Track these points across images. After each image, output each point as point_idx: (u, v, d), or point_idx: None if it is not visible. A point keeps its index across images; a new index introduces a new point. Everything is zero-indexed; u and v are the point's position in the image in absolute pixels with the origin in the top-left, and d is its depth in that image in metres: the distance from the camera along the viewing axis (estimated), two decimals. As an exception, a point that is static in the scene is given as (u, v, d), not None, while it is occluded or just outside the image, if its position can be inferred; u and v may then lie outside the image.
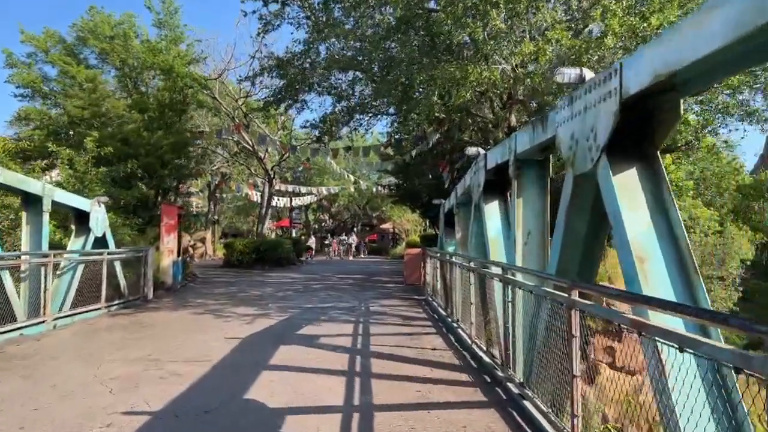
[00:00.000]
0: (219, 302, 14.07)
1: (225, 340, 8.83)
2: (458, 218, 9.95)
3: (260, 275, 23.26)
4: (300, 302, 14.06)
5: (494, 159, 7.20)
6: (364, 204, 56.37)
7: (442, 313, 11.39)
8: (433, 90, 11.84)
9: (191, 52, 22.82)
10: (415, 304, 13.96)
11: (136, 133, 19.06)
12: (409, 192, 27.64)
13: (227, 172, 36.97)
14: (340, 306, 13.40)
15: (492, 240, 7.43)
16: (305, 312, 12.30)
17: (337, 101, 17.73)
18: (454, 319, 9.84)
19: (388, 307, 13.30)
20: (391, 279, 21.89)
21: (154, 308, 12.94)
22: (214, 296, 15.41)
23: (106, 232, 12.67)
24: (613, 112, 3.65)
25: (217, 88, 26.38)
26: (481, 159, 7.76)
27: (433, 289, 13.69)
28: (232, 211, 57.73)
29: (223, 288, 17.78)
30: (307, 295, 15.86)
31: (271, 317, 11.48)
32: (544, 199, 6.13)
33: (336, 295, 15.73)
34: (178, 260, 17.98)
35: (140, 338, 9.12)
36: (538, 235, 6.11)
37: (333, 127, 19.76)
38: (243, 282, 19.87)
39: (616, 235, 3.74)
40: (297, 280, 20.74)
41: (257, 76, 19.39)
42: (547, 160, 6.11)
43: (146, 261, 14.33)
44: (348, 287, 18.30)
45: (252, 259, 27.01)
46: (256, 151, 28.36)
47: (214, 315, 11.82)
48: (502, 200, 7.73)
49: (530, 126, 5.64)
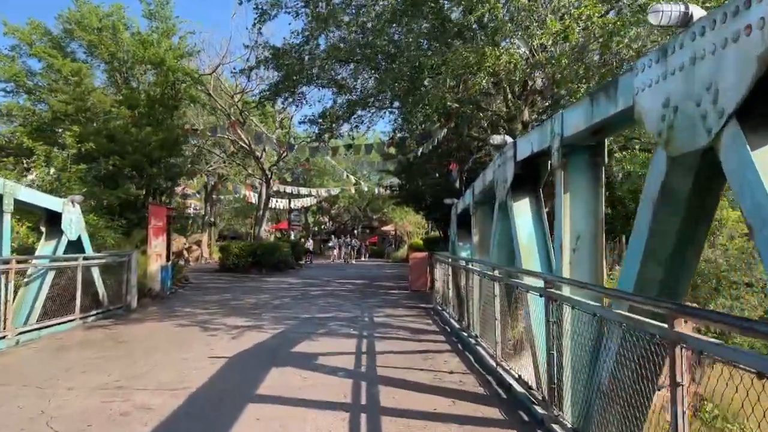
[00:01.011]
0: (209, 312, 12.86)
1: (209, 360, 7.62)
2: (475, 219, 8.77)
3: (256, 280, 22.04)
4: (297, 312, 12.85)
5: (527, 147, 6.01)
6: (364, 206, 55.14)
7: (455, 326, 10.18)
8: (444, 77, 10.64)
9: (184, 45, 21.65)
10: (422, 313, 12.75)
11: (123, 129, 17.86)
12: (412, 193, 26.43)
13: (224, 173, 35.76)
14: (340, 316, 12.19)
15: (523, 245, 6.24)
16: (302, 324, 11.09)
17: (337, 94, 16.55)
18: (472, 334, 8.63)
19: (393, 317, 12.09)
20: (395, 284, 20.67)
21: (137, 319, 11.73)
22: (204, 304, 14.19)
23: (82, 235, 11.46)
24: (754, 57, 2.46)
25: (212, 84, 25.20)
26: (508, 149, 6.57)
27: (443, 297, 12.48)
28: (231, 213, 56.54)
29: (215, 295, 16.56)
30: (304, 303, 14.64)
31: (264, 330, 10.26)
32: (598, 195, 4.94)
33: (336, 303, 14.51)
34: (167, 265, 16.78)
35: (112, 357, 7.90)
36: (591, 240, 4.91)
37: (333, 123, 18.59)
38: (237, 288, 18.66)
39: (760, 242, 2.54)
40: (295, 286, 19.53)
41: (253, 69, 18.19)
42: (601, 145, 4.92)
43: (129, 266, 13.12)
44: (349, 294, 17.08)
45: (248, 263, 25.81)
46: (252, 150, 27.16)
47: (201, 327, 10.61)
48: (533, 197, 6.54)
49: (587, 100, 4.45)
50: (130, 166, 16.89)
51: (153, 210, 16.46)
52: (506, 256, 7.50)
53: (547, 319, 4.88)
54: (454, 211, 10.96)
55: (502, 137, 6.78)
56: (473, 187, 8.77)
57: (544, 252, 6.26)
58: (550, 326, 4.84)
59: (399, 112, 17.88)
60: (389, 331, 10.26)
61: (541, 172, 6.53)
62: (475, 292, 8.71)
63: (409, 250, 38.72)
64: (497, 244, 7.46)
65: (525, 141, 6.11)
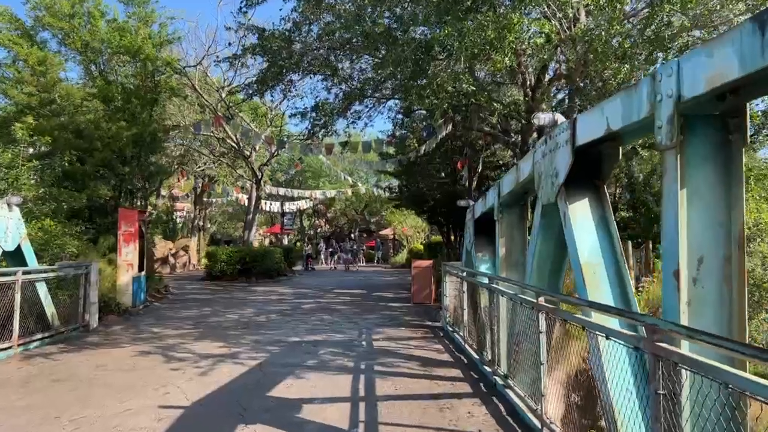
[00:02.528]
0: (180, 332, 11.01)
1: (157, 416, 5.77)
2: (501, 227, 6.95)
3: (244, 290, 20.18)
4: (284, 333, 10.99)
5: (597, 125, 4.16)
6: (362, 209, 53.27)
7: (472, 356, 8.35)
8: (458, 54, 8.82)
9: (164, 33, 19.77)
10: (429, 335, 10.91)
11: (94, 123, 15.99)
12: (413, 194, 24.55)
13: (213, 174, 33.86)
14: (334, 339, 10.34)
15: (586, 264, 4.41)
16: (288, 351, 9.23)
17: (331, 82, 14.74)
18: (498, 371, 6.81)
19: (396, 340, 10.24)
20: (396, 295, 18.81)
21: (91, 344, 9.86)
22: (177, 322, 12.34)
23: (23, 245, 9.59)
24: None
25: (197, 78, 23.33)
26: (561, 131, 4.75)
27: (454, 317, 10.65)
28: (224, 217, 54.64)
29: (194, 309, 14.69)
30: (293, 320, 12.78)
31: (240, 361, 8.41)
32: (732, 190, 3.14)
33: (330, 321, 12.66)
34: (140, 275, 14.93)
35: (28, 407, 6.04)
36: (721, 266, 3.10)
37: (327, 117, 16.78)
38: (221, 300, 16.79)
39: None
40: (285, 298, 17.66)
41: (238, 57, 16.35)
42: (736, 112, 3.11)
43: (88, 279, 11.27)
44: (345, 308, 15.22)
45: (237, 271, 23.93)
46: (241, 148, 25.28)
47: (165, 357, 8.75)
48: (595, 198, 4.72)
49: (736, 31, 2.66)
50: (99, 164, 15.00)
51: (123, 214, 14.60)
52: (550, 276, 5.70)
53: (654, 389, 3.05)
54: (470, 215, 9.12)
55: (549, 115, 4.94)
56: (499, 185, 6.95)
57: (616, 275, 4.44)
58: (659, 402, 3.01)
59: (401, 103, 16.07)
60: (392, 361, 8.40)
61: (607, 163, 4.71)
62: (502, 318, 6.90)
63: (409, 256, 36.83)
64: (538, 260, 5.63)
65: (593, 116, 4.28)
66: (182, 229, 44.25)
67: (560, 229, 5.43)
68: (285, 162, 47.93)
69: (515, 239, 6.99)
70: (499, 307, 6.88)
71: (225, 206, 48.20)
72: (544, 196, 5.24)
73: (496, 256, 7.48)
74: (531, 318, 5.39)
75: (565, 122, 4.76)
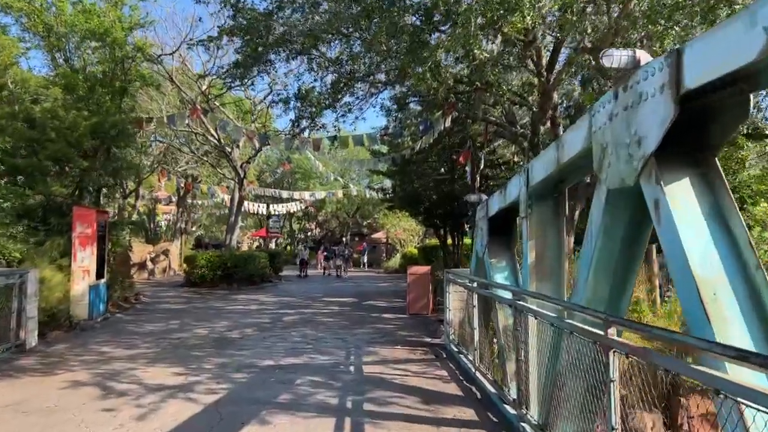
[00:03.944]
0: (134, 353, 9.24)
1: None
2: (531, 224, 5.23)
3: (223, 298, 18.38)
4: (257, 353, 9.23)
5: (726, 54, 2.48)
6: (353, 211, 51.48)
7: (487, 389, 6.64)
8: (467, 16, 7.14)
9: (135, 17, 17.99)
10: (430, 355, 9.19)
11: (50, 113, 14.17)
12: (408, 195, 22.77)
13: (196, 174, 31.98)
14: (316, 363, 8.59)
15: (702, 280, 2.73)
16: (258, 380, 7.48)
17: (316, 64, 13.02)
18: (530, 418, 5.10)
19: (390, 364, 8.50)
20: (389, 304, 17.08)
21: (19, 370, 8.05)
22: (136, 339, 10.56)
23: (-72, 249, 7.79)
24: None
25: (174, 68, 21.54)
26: (652, 72, 3.03)
27: (459, 336, 8.95)
28: (211, 219, 52.70)
29: (161, 321, 12.90)
30: (272, 336, 11.02)
31: (194, 396, 6.66)
32: None
33: (313, 337, 10.91)
34: (98, 284, 13.12)
35: None
36: None
37: (313, 108, 15.07)
38: (194, 310, 14.99)
39: None
40: (266, 308, 15.88)
41: (213, 40, 14.57)
42: None
43: (24, 290, 9.46)
44: (332, 320, 13.46)
45: (217, 277, 22.09)
46: (223, 145, 23.48)
47: (102, 389, 6.99)
48: (704, 176, 3.05)
49: None
50: (53, 157, 13.18)
51: (79, 214, 12.78)
52: (612, 294, 3.99)
53: None
54: (482, 212, 7.38)
55: (627, 52, 3.25)
56: (528, 171, 5.25)
57: (750, 298, 2.75)
58: None
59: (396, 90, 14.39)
60: (387, 396, 6.66)
61: (725, 122, 3.04)
62: (532, 344, 5.20)
63: (402, 260, 35.06)
64: (596, 270, 3.93)
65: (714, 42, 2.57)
66: (167, 232, 42.35)
67: (634, 226, 3.74)
68: (274, 162, 46.15)
69: (549, 241, 5.30)
70: (528, 332, 5.17)
71: (211, 208, 46.28)
72: (611, 176, 3.55)
73: (520, 262, 5.76)
74: (590, 356, 3.69)
75: (658, 59, 3.08)
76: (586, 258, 4.08)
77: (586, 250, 4.12)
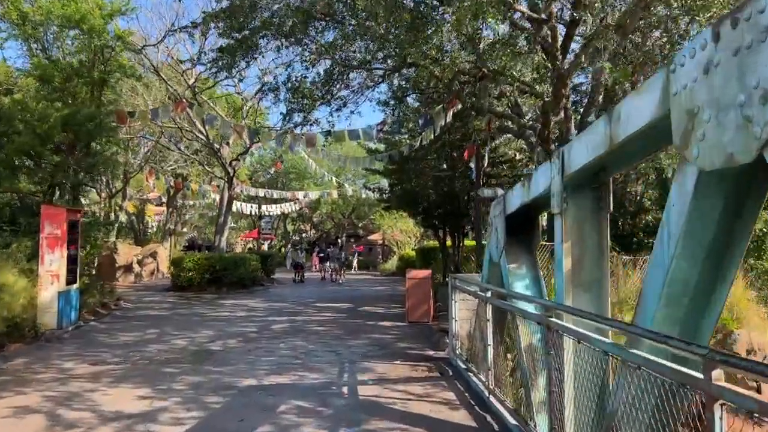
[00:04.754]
0: (99, 369, 8.16)
1: None
2: (566, 222, 4.18)
3: (209, 304, 17.28)
4: (238, 370, 8.15)
5: None
6: (349, 212, 50.40)
7: (505, 419, 5.58)
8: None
9: (117, 4, 16.88)
10: (434, 372, 8.14)
11: (19, 104, 13.07)
12: (406, 194, 21.68)
13: (185, 173, 30.81)
14: (305, 383, 7.51)
15: None
16: (234, 406, 6.40)
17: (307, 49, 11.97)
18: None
19: (390, 383, 7.44)
20: (387, 310, 16.01)
21: (-41, 392, 6.95)
22: (105, 352, 9.48)
23: None
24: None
25: (158, 58, 20.43)
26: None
27: (469, 350, 7.89)
28: (205, 220, 51.47)
29: (138, 331, 11.80)
30: (257, 348, 9.94)
31: (155, 428, 5.58)
32: None
33: (303, 350, 9.82)
34: (70, 289, 12.02)
35: None
36: None
37: (305, 99, 14.04)
38: (176, 318, 13.87)
39: None
40: (255, 314, 14.78)
41: (198, 26, 13.49)
42: None
43: (-26, 299, 8.36)
44: (324, 329, 12.39)
45: (205, 281, 20.97)
46: (211, 142, 22.35)
47: (49, 419, 5.91)
48: None
49: None
50: (19, 150, 12.07)
51: (47, 213, 11.69)
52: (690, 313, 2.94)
53: None
54: (497, 209, 6.28)
55: None
56: (563, 156, 4.20)
57: None
58: None
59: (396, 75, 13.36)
60: (386, 429, 5.59)
61: None
62: (568, 373, 4.14)
63: (399, 262, 33.89)
64: (671, 281, 2.88)
65: None
66: (157, 234, 41.10)
67: (733, 224, 2.69)
68: (267, 162, 45.05)
69: (589, 243, 4.26)
70: (564, 357, 4.12)
71: (203, 209, 45.09)
72: (709, 152, 2.51)
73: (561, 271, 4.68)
74: (670, 402, 2.64)
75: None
76: (659, 268, 3.02)
77: (657, 257, 3.07)
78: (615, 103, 5.17)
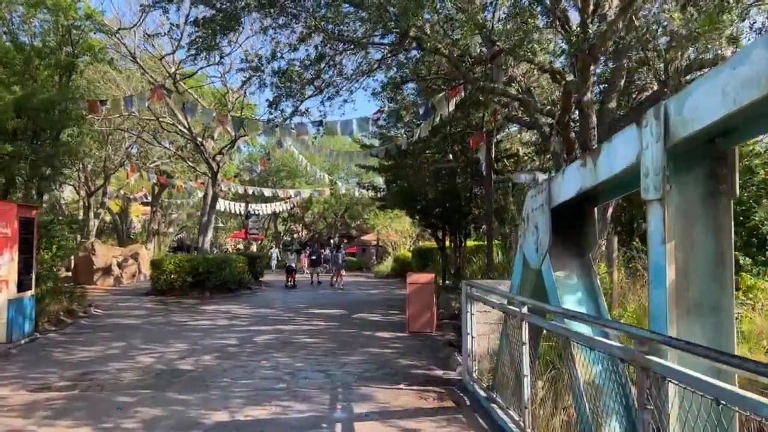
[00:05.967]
0: (38, 398, 6.66)
1: None
2: (670, 214, 2.84)
3: (190, 309, 15.76)
4: (208, 399, 6.66)
5: None
6: (342, 212, 48.87)
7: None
8: None
9: (87, -19, 15.39)
10: (447, 400, 6.69)
11: (-30, 88, 11.52)
12: (404, 192, 20.21)
13: (170, 170, 29.22)
14: (289, 417, 6.04)
15: None
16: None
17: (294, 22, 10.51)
18: None
19: (395, 420, 5.99)
20: (384, 317, 14.55)
21: None
22: (53, 374, 7.96)
23: None
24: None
25: (135, 42, 18.86)
26: None
27: (489, 373, 6.44)
28: (193, 220, 49.73)
29: (100, 345, 10.28)
30: (235, 367, 8.45)
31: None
32: None
33: (289, 370, 8.34)
34: (23, 297, 10.49)
35: None
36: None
37: (293, 83, 12.62)
38: (148, 327, 12.34)
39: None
40: (237, 323, 13.26)
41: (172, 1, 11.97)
42: None
43: None
44: (315, 341, 10.90)
45: (187, 284, 19.43)
46: (194, 135, 20.78)
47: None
48: None
49: None
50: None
51: (-6, 209, 10.16)
52: None
53: None
54: (536, 200, 4.81)
55: None
56: (665, 111, 2.80)
57: None
58: None
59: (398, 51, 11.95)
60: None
61: None
62: None
63: (395, 263, 32.34)
64: None
65: None
66: (142, 234, 39.40)
67: None
68: (256, 159, 43.46)
69: (701, 245, 2.85)
70: (671, 411, 2.68)
71: (191, 208, 43.43)
72: None
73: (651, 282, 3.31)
74: None
75: None
76: None
77: None
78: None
